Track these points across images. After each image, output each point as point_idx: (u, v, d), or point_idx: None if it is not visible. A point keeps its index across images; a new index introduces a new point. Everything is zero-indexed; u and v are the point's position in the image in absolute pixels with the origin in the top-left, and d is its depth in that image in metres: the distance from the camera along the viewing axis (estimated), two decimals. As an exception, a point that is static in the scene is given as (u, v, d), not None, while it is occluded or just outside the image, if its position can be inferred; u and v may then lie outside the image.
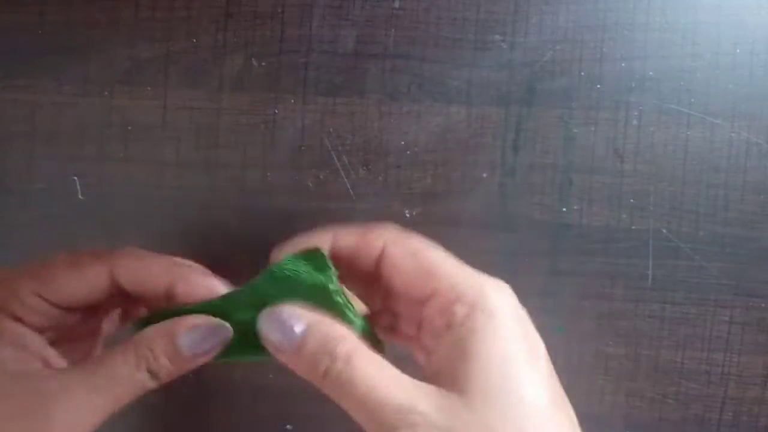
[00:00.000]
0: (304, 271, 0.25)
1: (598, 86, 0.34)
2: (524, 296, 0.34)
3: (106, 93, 0.35)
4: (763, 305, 0.33)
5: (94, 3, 0.35)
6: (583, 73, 0.34)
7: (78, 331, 0.26)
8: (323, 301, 0.25)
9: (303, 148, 0.35)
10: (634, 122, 0.33)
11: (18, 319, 0.24)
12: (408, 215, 0.35)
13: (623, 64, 0.34)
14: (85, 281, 0.24)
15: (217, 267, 0.34)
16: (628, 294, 0.34)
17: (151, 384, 0.23)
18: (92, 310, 0.26)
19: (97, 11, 0.35)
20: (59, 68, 0.36)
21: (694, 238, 0.33)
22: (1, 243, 0.36)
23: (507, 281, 0.34)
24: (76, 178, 0.36)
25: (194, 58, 0.35)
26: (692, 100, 0.33)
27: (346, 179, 0.35)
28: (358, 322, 0.26)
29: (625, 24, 0.34)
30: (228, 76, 0.35)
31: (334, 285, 0.25)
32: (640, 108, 0.33)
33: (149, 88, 0.35)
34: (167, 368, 0.23)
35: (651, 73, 0.33)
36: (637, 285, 0.34)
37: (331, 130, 0.35)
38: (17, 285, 0.24)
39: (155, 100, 0.35)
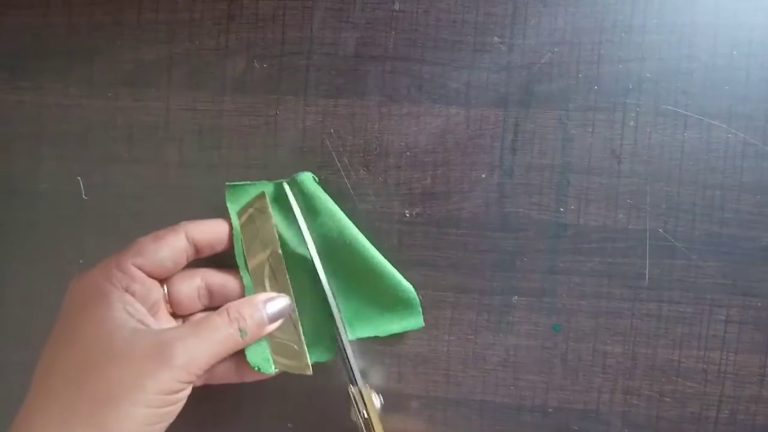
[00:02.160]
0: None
1: (596, 88, 0.34)
2: (522, 295, 0.35)
3: (110, 94, 0.36)
4: (759, 304, 0.34)
5: (98, 6, 0.36)
6: (580, 75, 0.34)
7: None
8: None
9: (304, 149, 0.35)
10: (632, 123, 0.34)
11: (126, 290, 0.29)
12: (408, 215, 0.35)
13: (620, 66, 0.34)
14: (167, 246, 0.31)
15: (221, 266, 0.35)
16: (625, 293, 0.34)
17: (240, 340, 0.30)
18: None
19: (100, 14, 0.36)
20: (64, 70, 0.36)
21: (691, 237, 0.34)
22: (7, 242, 0.36)
23: (505, 280, 0.35)
24: (80, 178, 0.36)
25: (197, 60, 0.35)
26: (689, 101, 0.34)
27: (346, 180, 0.35)
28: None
29: (622, 26, 0.34)
30: (230, 78, 0.35)
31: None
32: (637, 109, 0.34)
33: (153, 90, 0.36)
34: (252, 327, 0.30)
35: (648, 74, 0.34)
36: (634, 284, 0.34)
37: (331, 131, 0.35)
38: (120, 258, 0.30)
39: (158, 102, 0.36)
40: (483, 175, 0.35)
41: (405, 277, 0.34)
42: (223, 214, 0.34)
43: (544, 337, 0.35)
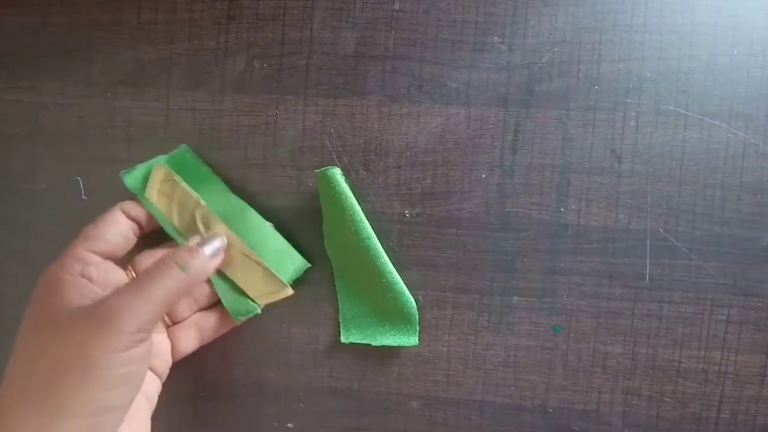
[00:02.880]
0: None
1: (596, 87, 0.34)
2: (522, 295, 0.35)
3: (109, 94, 0.36)
4: (759, 304, 0.34)
5: (97, 5, 0.36)
6: (581, 75, 0.34)
7: None
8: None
9: (304, 148, 0.35)
10: (632, 123, 0.34)
11: (78, 274, 0.29)
12: (408, 215, 0.35)
13: (621, 66, 0.34)
14: (111, 225, 0.31)
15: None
16: (626, 293, 0.34)
17: (183, 274, 0.29)
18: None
19: (99, 13, 0.36)
20: (62, 70, 0.36)
21: (691, 237, 0.34)
22: (5, 243, 0.36)
23: (505, 280, 0.35)
24: (79, 178, 0.36)
25: (196, 59, 0.35)
26: (689, 101, 0.34)
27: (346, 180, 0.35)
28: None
29: (622, 26, 0.34)
30: (230, 78, 0.35)
31: None
32: (638, 109, 0.34)
33: (152, 90, 0.36)
34: (190, 262, 0.30)
35: (648, 74, 0.34)
36: (634, 284, 0.34)
37: (331, 130, 0.35)
38: (71, 247, 0.30)
39: (158, 102, 0.35)
40: (483, 175, 0.35)
41: (405, 278, 0.34)
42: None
43: (544, 338, 0.35)
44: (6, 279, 0.37)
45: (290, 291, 0.34)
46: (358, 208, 0.34)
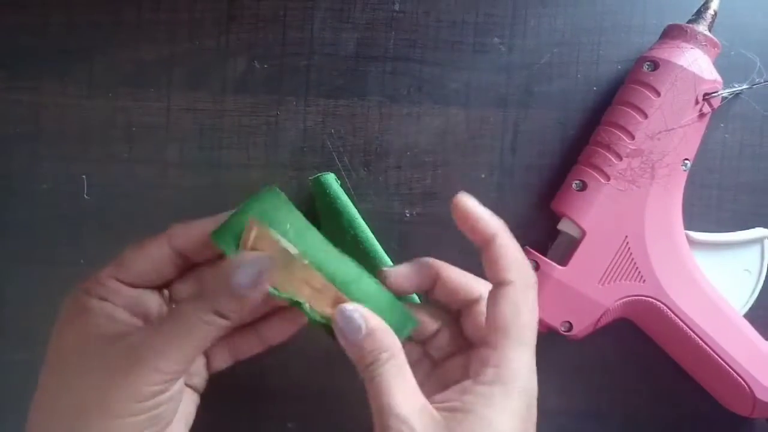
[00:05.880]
0: None
1: (595, 88, 0.34)
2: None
3: (110, 94, 0.36)
4: (756, 303, 0.34)
5: (98, 5, 0.36)
6: (579, 76, 0.34)
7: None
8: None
9: (305, 149, 0.35)
10: (630, 124, 0.34)
11: (104, 299, 0.27)
12: (408, 215, 0.35)
13: (619, 67, 0.34)
14: (148, 256, 0.27)
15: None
16: (625, 292, 0.34)
17: (224, 322, 0.25)
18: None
19: (100, 13, 0.36)
20: (63, 70, 0.36)
21: (689, 237, 0.34)
22: (7, 243, 0.36)
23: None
24: (84, 176, 0.36)
25: (197, 60, 0.35)
26: (687, 101, 0.34)
27: (347, 180, 0.35)
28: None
29: (621, 27, 0.34)
30: (231, 78, 0.35)
31: None
32: (636, 110, 0.34)
33: (153, 90, 0.36)
34: (231, 306, 0.25)
35: (647, 75, 0.34)
36: (633, 283, 0.34)
37: (332, 131, 0.35)
38: (99, 273, 0.27)
39: (159, 102, 0.36)
40: (483, 175, 0.35)
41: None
42: (221, 211, 0.33)
43: (544, 337, 0.35)
44: (7, 279, 0.37)
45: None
46: (355, 212, 0.34)
